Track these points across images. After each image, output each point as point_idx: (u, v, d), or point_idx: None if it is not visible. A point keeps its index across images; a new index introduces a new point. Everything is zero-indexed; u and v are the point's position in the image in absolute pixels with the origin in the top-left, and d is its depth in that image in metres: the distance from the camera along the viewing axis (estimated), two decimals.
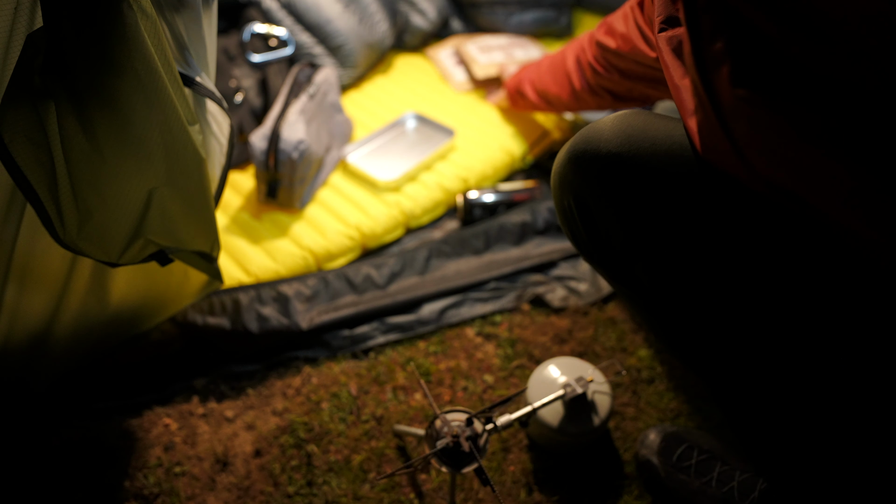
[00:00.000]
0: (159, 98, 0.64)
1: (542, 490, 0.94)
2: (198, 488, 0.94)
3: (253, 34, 1.47)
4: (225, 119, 0.85)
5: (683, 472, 0.90)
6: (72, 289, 0.87)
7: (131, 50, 0.59)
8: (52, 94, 0.60)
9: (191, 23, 0.72)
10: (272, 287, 1.14)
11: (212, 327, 1.08)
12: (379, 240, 1.27)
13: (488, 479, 0.74)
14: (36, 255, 0.78)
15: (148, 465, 0.96)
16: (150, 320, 1.06)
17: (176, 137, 0.68)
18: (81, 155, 0.64)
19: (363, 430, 1.00)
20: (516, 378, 1.07)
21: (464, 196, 1.31)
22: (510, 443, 0.98)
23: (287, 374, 1.08)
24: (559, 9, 1.76)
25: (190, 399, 1.04)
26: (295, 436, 0.99)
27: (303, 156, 1.19)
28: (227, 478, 0.95)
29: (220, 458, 0.97)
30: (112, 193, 0.68)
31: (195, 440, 1.00)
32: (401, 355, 1.11)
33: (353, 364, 1.10)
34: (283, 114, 1.24)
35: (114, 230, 0.71)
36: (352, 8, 1.55)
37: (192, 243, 0.84)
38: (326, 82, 1.35)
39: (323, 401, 1.04)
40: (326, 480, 0.94)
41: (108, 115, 0.62)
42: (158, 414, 1.02)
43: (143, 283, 0.97)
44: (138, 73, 0.60)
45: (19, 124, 0.58)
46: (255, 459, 0.97)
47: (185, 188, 0.75)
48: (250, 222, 1.25)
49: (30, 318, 0.86)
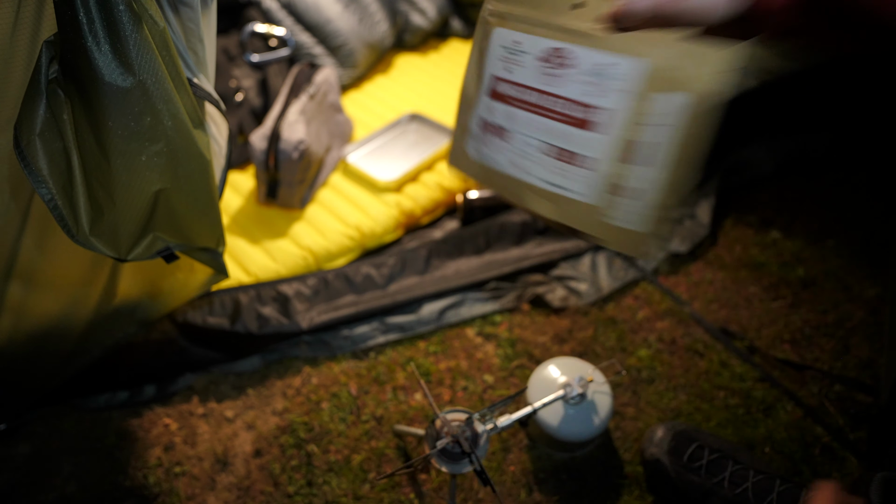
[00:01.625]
0: (166, 106, 0.65)
1: (542, 490, 0.94)
2: (198, 488, 0.94)
3: (253, 34, 1.47)
4: (223, 121, 0.86)
5: (694, 473, 0.87)
6: (91, 288, 0.89)
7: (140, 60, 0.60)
8: (68, 96, 0.61)
9: (190, 23, 0.72)
10: (272, 287, 1.14)
11: (212, 327, 1.08)
12: (379, 240, 1.27)
13: (488, 479, 0.74)
14: (45, 256, 0.79)
15: (148, 465, 0.97)
16: (156, 311, 1.07)
17: (182, 142, 0.70)
18: (92, 157, 0.65)
19: (363, 430, 1.00)
20: (516, 378, 1.07)
21: (464, 196, 1.31)
22: (510, 443, 0.98)
23: (287, 374, 1.08)
24: None
25: (190, 399, 1.05)
26: (295, 436, 0.99)
27: (303, 156, 1.19)
28: (227, 478, 0.96)
29: (220, 458, 0.97)
30: (120, 194, 0.69)
31: (195, 440, 1.00)
32: (401, 355, 1.11)
33: (353, 364, 1.10)
34: (283, 114, 1.24)
35: (123, 228, 0.73)
36: (352, 8, 1.55)
37: (198, 240, 0.85)
38: (326, 82, 1.35)
39: (323, 401, 1.04)
40: (326, 480, 0.94)
41: (115, 122, 0.63)
42: (158, 414, 1.03)
43: (151, 274, 0.98)
44: (145, 84, 0.62)
45: (36, 126, 0.60)
46: (255, 459, 0.97)
47: (191, 189, 0.76)
48: (250, 222, 1.25)
49: (40, 316, 0.87)
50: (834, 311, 1.17)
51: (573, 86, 0.48)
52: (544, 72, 0.49)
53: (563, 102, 0.49)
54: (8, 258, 0.77)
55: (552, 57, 0.49)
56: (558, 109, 0.50)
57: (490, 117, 0.54)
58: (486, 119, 0.54)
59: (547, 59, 0.49)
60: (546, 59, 0.49)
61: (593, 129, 0.48)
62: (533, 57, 0.50)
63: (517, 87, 0.51)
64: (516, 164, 0.53)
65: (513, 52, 0.51)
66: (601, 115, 0.48)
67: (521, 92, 0.51)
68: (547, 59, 0.49)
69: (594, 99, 0.48)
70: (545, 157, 0.51)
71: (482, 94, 0.54)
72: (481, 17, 0.54)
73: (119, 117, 0.62)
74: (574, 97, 0.48)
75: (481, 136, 0.55)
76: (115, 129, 0.63)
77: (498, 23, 0.52)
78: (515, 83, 0.51)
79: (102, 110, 0.61)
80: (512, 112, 0.52)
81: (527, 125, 0.51)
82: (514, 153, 0.53)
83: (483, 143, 0.55)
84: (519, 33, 0.51)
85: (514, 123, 0.52)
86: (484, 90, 0.54)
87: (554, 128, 0.50)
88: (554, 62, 0.49)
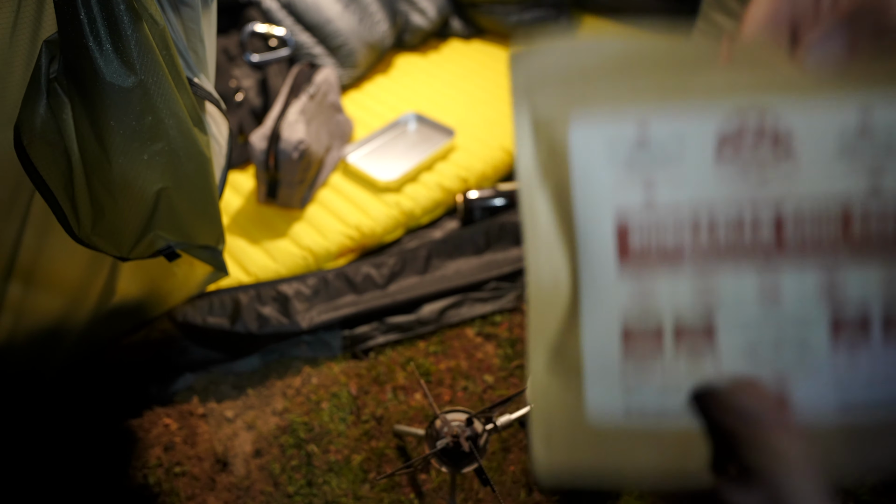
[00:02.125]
0: (167, 105, 0.65)
1: (541, 490, 0.94)
2: (198, 488, 0.94)
3: (253, 34, 1.47)
4: (223, 120, 0.86)
5: None
6: (90, 287, 0.89)
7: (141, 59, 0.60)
8: (69, 97, 0.61)
9: (190, 23, 0.72)
10: (272, 287, 1.14)
11: (212, 327, 1.08)
12: (379, 240, 1.27)
13: (488, 479, 0.74)
14: (45, 256, 0.79)
15: (148, 465, 0.96)
16: (157, 308, 1.07)
17: (183, 141, 0.70)
18: (94, 156, 0.65)
19: (363, 430, 1.00)
20: (516, 378, 1.07)
21: (464, 196, 1.31)
22: (510, 443, 0.98)
23: (287, 374, 1.08)
24: (559, 8, 1.76)
25: (190, 399, 1.05)
26: (295, 436, 0.99)
27: (303, 156, 1.19)
28: (227, 478, 0.95)
29: (220, 458, 0.97)
30: (122, 193, 0.69)
31: (195, 440, 1.00)
32: (401, 355, 1.11)
33: (353, 364, 1.10)
34: (283, 114, 1.24)
35: (124, 227, 0.73)
36: (352, 8, 1.55)
37: (198, 238, 0.85)
38: (326, 82, 1.35)
39: (323, 401, 1.04)
40: (326, 480, 0.94)
41: (117, 121, 0.63)
42: (158, 414, 1.02)
43: (150, 273, 0.98)
44: (146, 83, 0.62)
45: (37, 126, 0.60)
46: (255, 459, 0.97)
47: (192, 187, 0.77)
48: (250, 222, 1.25)
49: (41, 314, 0.87)
50: None
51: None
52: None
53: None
54: (8, 258, 0.77)
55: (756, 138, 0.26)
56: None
57: (644, 315, 0.27)
58: (635, 322, 0.27)
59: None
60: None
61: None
62: (707, 147, 0.26)
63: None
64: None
65: (640, 151, 0.26)
66: None
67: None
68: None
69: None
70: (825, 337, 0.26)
71: (601, 276, 0.27)
72: (521, 125, 0.28)
73: (121, 117, 0.62)
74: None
75: (623, 367, 0.27)
76: (116, 128, 0.63)
77: (566, 116, 0.27)
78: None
79: (104, 110, 0.61)
80: (688, 282, 0.26)
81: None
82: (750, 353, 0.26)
83: (640, 380, 0.27)
84: (637, 109, 0.26)
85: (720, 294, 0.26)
86: (601, 266, 0.27)
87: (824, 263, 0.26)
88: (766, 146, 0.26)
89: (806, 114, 0.25)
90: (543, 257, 0.28)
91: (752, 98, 0.25)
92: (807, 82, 0.25)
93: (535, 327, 0.27)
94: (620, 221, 0.26)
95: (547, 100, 0.27)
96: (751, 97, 0.25)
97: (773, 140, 0.25)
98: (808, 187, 0.25)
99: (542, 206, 0.27)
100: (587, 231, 0.27)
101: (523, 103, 0.27)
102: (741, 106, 0.25)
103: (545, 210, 0.27)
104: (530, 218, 0.28)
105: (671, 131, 0.25)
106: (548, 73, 0.27)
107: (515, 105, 0.28)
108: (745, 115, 0.25)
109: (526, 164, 0.27)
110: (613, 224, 0.26)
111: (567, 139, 0.26)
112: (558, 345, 0.27)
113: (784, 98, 0.25)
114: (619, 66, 0.26)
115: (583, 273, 0.27)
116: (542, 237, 0.28)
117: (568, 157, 0.26)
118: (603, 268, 0.27)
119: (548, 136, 0.26)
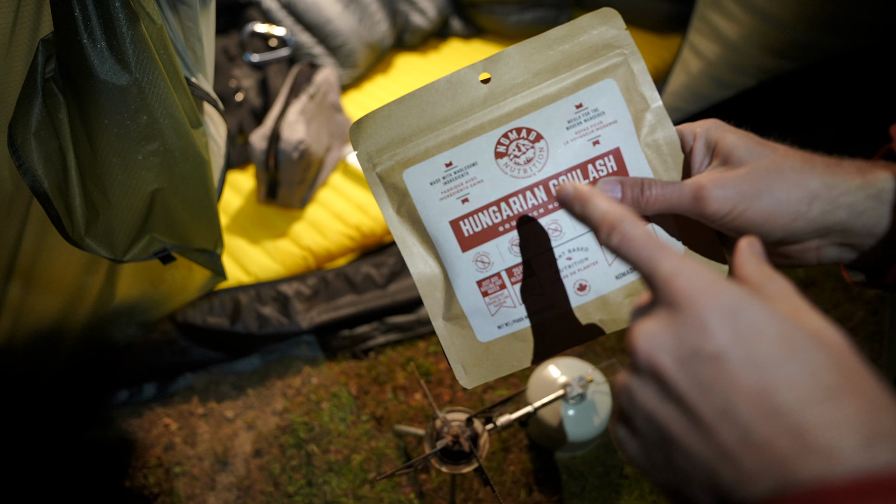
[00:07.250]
0: (163, 104, 0.65)
1: (542, 490, 0.93)
2: (198, 488, 0.94)
3: (253, 34, 1.47)
4: (221, 121, 0.85)
5: None
6: (87, 290, 0.89)
7: (137, 57, 0.60)
8: (64, 95, 0.61)
9: (188, 22, 0.72)
10: (272, 287, 1.14)
11: (212, 327, 1.08)
12: (379, 240, 1.27)
13: (488, 479, 0.74)
14: (43, 257, 0.79)
15: (148, 465, 0.96)
16: (155, 312, 1.07)
17: (179, 141, 0.69)
18: (87, 156, 0.65)
19: (363, 430, 1.00)
20: (516, 378, 1.07)
21: None
22: (510, 443, 0.98)
23: (287, 374, 1.08)
24: (559, 8, 1.76)
25: (190, 399, 1.04)
26: (295, 436, 0.99)
27: (303, 156, 1.19)
28: (227, 478, 0.95)
29: (220, 458, 0.97)
30: (116, 194, 0.69)
31: (195, 440, 1.00)
32: (401, 355, 1.11)
33: (353, 364, 1.09)
34: (283, 114, 1.24)
35: (119, 228, 0.72)
36: (352, 8, 1.55)
37: (195, 241, 0.85)
38: (326, 82, 1.35)
39: (323, 401, 1.04)
40: (326, 480, 0.94)
41: (111, 120, 0.63)
42: (158, 414, 1.02)
43: (150, 276, 0.98)
44: (141, 82, 0.61)
45: (31, 125, 0.60)
46: (255, 459, 0.97)
47: (189, 189, 0.76)
48: (250, 222, 1.25)
49: (40, 316, 0.87)
50: (834, 311, 1.16)
51: (562, 151, 0.40)
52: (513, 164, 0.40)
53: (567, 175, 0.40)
54: (8, 258, 0.77)
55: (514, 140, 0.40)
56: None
57: (485, 270, 0.41)
58: (482, 276, 0.41)
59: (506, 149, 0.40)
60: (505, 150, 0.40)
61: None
62: (488, 159, 0.40)
63: (491, 207, 0.40)
64: (558, 296, 0.41)
65: (450, 176, 0.40)
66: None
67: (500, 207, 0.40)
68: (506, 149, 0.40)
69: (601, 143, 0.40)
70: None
71: (453, 258, 0.41)
72: (372, 180, 0.42)
73: (115, 115, 0.62)
74: (574, 162, 0.40)
75: (487, 305, 0.42)
76: (110, 127, 0.62)
77: (401, 168, 0.41)
78: (486, 205, 0.40)
79: (98, 108, 0.61)
80: (504, 243, 0.41)
81: (537, 241, 0.40)
82: (547, 285, 0.41)
83: (497, 308, 0.42)
84: (441, 154, 0.40)
85: (526, 252, 0.41)
86: (451, 252, 0.41)
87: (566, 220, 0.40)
88: (520, 146, 0.40)
89: (544, 115, 0.40)
90: (418, 260, 0.42)
91: (510, 122, 0.40)
92: (543, 101, 0.40)
93: (429, 302, 0.42)
94: (451, 220, 0.41)
95: (384, 160, 0.41)
96: (510, 122, 0.40)
97: (527, 137, 0.40)
98: (558, 159, 0.40)
99: (404, 229, 0.42)
100: (435, 233, 0.41)
101: (369, 166, 0.42)
102: (505, 128, 0.40)
103: (408, 231, 0.42)
104: (401, 238, 0.42)
105: (466, 157, 0.40)
106: (379, 140, 0.42)
107: (364, 168, 0.42)
108: (508, 132, 0.40)
109: (385, 206, 0.42)
110: (448, 223, 0.41)
111: (404, 181, 0.41)
112: (446, 306, 0.42)
113: (529, 114, 0.40)
114: (423, 126, 0.41)
115: (443, 259, 0.42)
116: (412, 248, 0.42)
117: (408, 192, 0.41)
118: (452, 251, 0.41)
119: (392, 183, 0.41)
